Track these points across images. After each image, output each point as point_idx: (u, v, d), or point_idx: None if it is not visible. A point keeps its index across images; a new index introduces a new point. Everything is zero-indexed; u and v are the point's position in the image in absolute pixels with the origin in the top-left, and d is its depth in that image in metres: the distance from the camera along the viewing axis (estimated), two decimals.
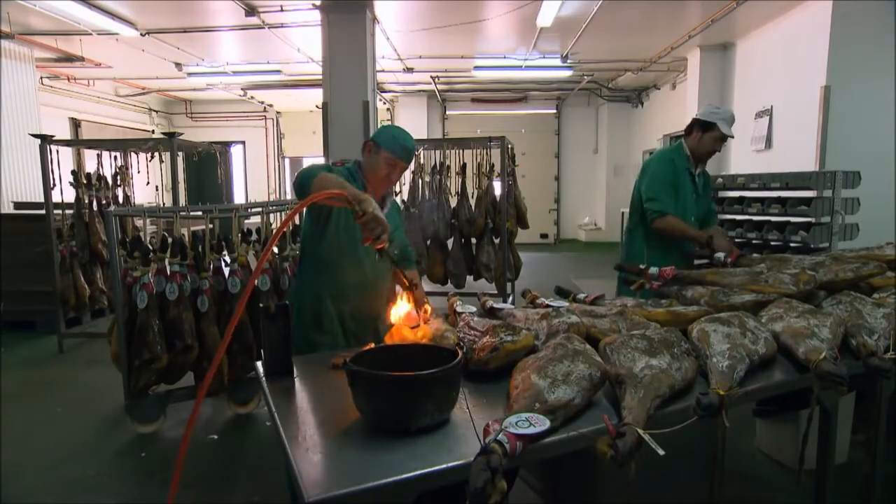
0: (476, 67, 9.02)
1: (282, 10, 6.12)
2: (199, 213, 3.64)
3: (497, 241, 5.58)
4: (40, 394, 4.07)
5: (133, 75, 9.86)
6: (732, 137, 2.99)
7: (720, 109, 3.00)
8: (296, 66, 8.86)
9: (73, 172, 5.18)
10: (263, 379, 1.64)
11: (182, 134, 5.29)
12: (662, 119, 10.44)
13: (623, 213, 10.67)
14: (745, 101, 7.07)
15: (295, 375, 1.65)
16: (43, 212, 4.94)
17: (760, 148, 6.69)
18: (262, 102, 12.40)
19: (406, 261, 2.39)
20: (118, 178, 5.61)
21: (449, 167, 5.81)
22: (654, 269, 2.32)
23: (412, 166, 5.92)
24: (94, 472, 2.96)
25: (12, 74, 6.85)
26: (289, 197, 12.17)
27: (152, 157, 5.88)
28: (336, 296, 2.18)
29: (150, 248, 3.29)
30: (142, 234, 3.84)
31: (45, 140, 4.81)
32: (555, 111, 12.87)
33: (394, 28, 7.01)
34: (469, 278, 5.78)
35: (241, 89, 11.02)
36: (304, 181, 1.91)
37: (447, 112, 12.86)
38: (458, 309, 1.93)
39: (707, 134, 2.95)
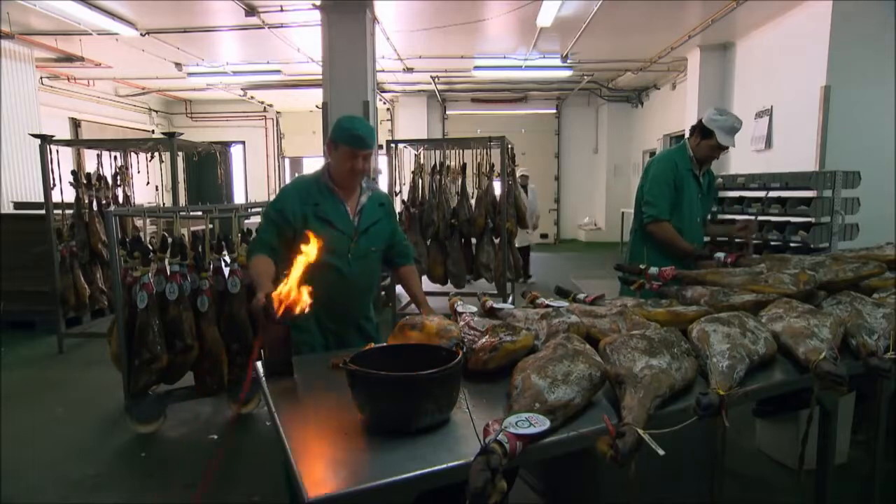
0: (476, 67, 9.02)
1: (282, 10, 6.12)
2: (199, 213, 3.63)
3: (497, 241, 5.59)
4: (40, 394, 4.08)
5: (133, 75, 9.86)
6: (734, 146, 2.92)
7: (723, 117, 2.86)
8: (296, 66, 8.86)
9: (73, 172, 5.18)
10: (263, 379, 1.64)
11: (182, 134, 5.28)
12: (662, 119, 10.45)
13: (623, 213, 10.70)
14: (745, 101, 7.06)
15: (295, 375, 1.65)
16: (43, 212, 4.93)
17: (760, 148, 6.69)
18: (262, 102, 12.40)
19: (405, 257, 2.39)
20: (118, 178, 5.60)
21: (449, 167, 5.81)
22: (653, 269, 2.32)
23: (412, 166, 5.93)
24: (94, 472, 2.96)
25: (12, 74, 6.85)
26: None
27: (152, 157, 5.88)
28: (311, 294, 2.18)
29: (150, 248, 3.29)
30: (142, 234, 3.84)
31: (45, 140, 4.80)
32: (555, 111, 12.86)
33: (394, 28, 7.00)
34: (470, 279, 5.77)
35: (241, 89, 11.01)
36: (248, 258, 2.25)
37: (447, 112, 12.86)
38: (459, 309, 1.93)
39: (704, 141, 2.89)
